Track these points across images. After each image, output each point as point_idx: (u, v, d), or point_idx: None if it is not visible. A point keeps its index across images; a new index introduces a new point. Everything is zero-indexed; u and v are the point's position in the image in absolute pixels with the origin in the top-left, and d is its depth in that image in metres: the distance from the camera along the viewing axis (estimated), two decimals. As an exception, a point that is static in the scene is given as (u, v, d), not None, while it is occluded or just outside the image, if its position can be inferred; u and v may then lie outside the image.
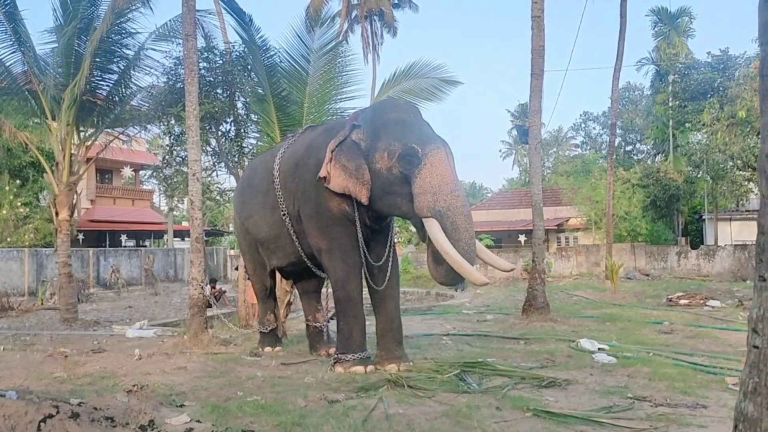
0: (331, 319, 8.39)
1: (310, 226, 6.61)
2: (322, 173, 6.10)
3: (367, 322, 6.71)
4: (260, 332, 8.07)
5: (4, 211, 21.77)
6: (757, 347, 2.46)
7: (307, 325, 7.88)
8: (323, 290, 8.13)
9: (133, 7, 10.68)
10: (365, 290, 6.66)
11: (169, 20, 11.13)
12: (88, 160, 12.07)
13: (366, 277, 6.56)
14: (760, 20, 2.55)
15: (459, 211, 5.66)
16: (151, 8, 10.86)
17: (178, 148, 11.64)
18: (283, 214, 6.89)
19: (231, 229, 38.74)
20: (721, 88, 24.72)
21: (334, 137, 6.25)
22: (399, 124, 6.04)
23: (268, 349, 7.73)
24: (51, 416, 3.74)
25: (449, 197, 5.64)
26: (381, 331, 6.59)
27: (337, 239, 6.40)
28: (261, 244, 7.64)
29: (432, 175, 5.67)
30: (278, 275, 8.32)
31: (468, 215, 5.77)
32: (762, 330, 2.45)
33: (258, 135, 11.91)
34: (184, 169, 11.15)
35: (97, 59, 10.82)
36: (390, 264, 6.52)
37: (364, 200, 6.02)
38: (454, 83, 11.15)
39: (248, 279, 11.21)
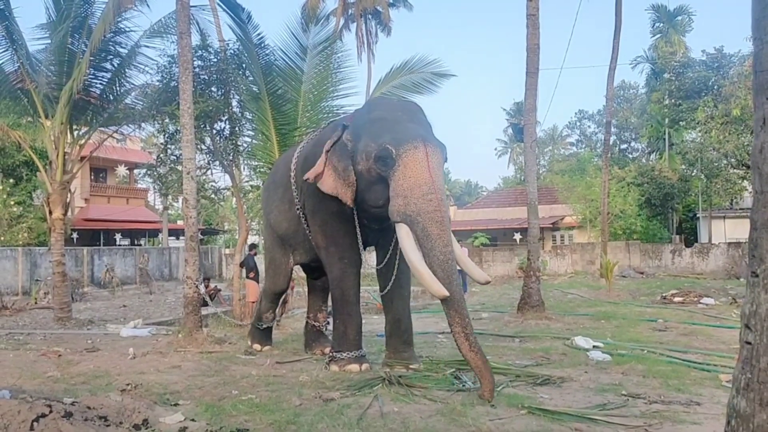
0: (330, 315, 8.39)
1: (312, 222, 6.61)
2: (309, 174, 5.97)
3: (363, 321, 6.71)
4: (255, 327, 8.01)
5: (-2, 210, 21.66)
6: (749, 343, 2.47)
7: (307, 322, 7.87)
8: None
9: (132, 6, 10.59)
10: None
11: (163, 17, 11.08)
12: (82, 158, 12.00)
13: (378, 279, 6.57)
14: (753, 16, 2.56)
15: (430, 216, 5.22)
16: (148, 5, 10.80)
17: (173, 146, 11.61)
18: (298, 209, 6.84)
19: (226, 227, 38.75)
20: (715, 87, 24.82)
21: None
22: (378, 123, 5.81)
23: (256, 346, 7.70)
24: (44, 415, 3.72)
25: (420, 201, 5.26)
26: (388, 332, 6.58)
27: (335, 237, 6.37)
28: (283, 240, 7.52)
29: (404, 177, 5.35)
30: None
31: (441, 221, 5.26)
32: (754, 326, 2.45)
33: (253, 133, 11.90)
34: (179, 167, 11.12)
35: (91, 57, 10.76)
36: (397, 265, 6.36)
37: (349, 202, 5.92)
38: (446, 76, 11.15)
39: (247, 277, 11.22)
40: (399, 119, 5.86)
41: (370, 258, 6.79)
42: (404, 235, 5.36)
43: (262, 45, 10.82)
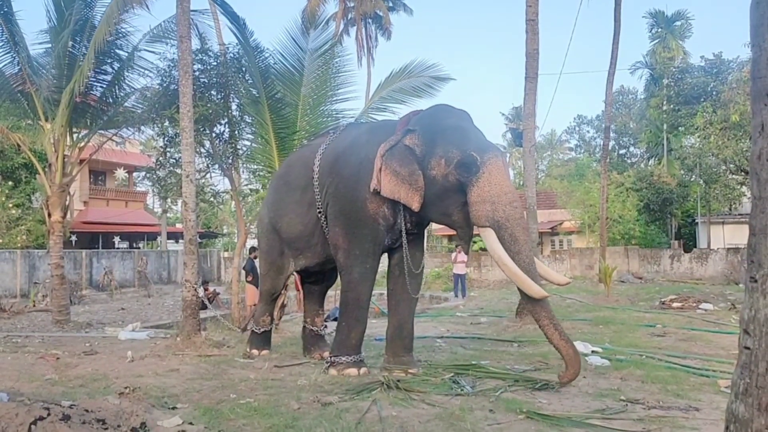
0: (327, 319, 8.38)
1: (335, 223, 6.46)
2: (374, 183, 5.92)
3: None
4: (252, 332, 7.94)
5: (-4, 213, 21.65)
6: (748, 348, 2.47)
7: (304, 327, 7.84)
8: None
9: (138, 4, 10.53)
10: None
11: (164, 21, 11.11)
12: (81, 161, 11.99)
13: (387, 281, 6.63)
14: (751, 22, 2.57)
15: (517, 222, 5.54)
16: (147, 6, 10.76)
17: (172, 149, 11.61)
18: (319, 212, 6.69)
19: (225, 231, 38.69)
20: (714, 92, 24.88)
21: (380, 137, 6.10)
22: (457, 131, 5.90)
23: (254, 351, 7.61)
24: (42, 418, 3.71)
25: (508, 208, 5.52)
26: (390, 335, 6.58)
27: (361, 241, 6.28)
28: (289, 244, 7.28)
29: (491, 184, 5.54)
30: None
31: (526, 227, 5.63)
32: (753, 331, 2.46)
33: (252, 137, 11.90)
34: (178, 170, 11.12)
35: (91, 60, 10.77)
36: (408, 270, 6.38)
37: (416, 207, 5.87)
38: (445, 80, 11.17)
39: (246, 280, 11.23)
40: (470, 128, 6.04)
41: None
42: (494, 240, 5.56)
43: (260, 49, 10.85)
